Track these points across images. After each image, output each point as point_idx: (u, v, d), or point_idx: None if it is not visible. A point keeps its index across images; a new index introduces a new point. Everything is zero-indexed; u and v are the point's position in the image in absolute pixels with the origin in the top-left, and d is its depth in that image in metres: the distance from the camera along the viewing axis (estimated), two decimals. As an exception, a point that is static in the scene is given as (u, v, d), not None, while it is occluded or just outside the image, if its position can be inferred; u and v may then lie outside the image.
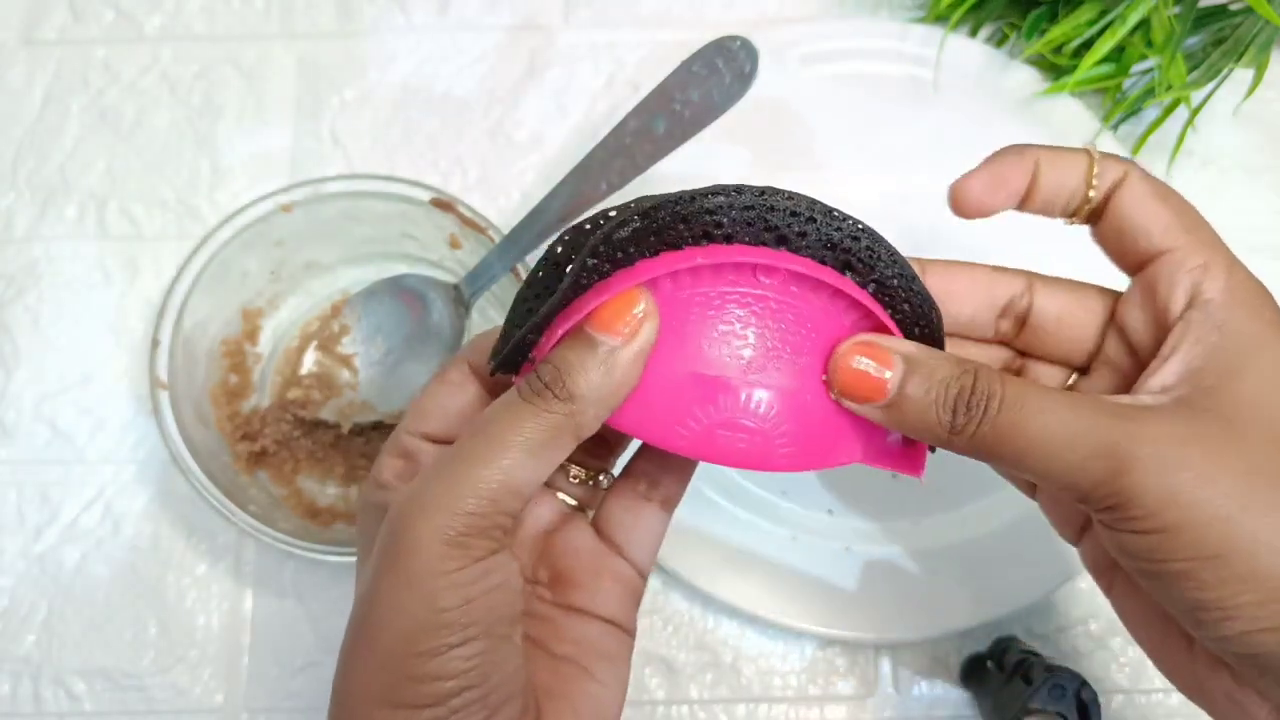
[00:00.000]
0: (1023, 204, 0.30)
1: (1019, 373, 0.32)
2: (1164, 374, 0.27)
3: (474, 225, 0.44)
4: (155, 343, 0.43)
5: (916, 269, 0.28)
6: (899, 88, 0.52)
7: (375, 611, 0.24)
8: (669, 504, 0.31)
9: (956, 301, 0.30)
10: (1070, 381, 0.31)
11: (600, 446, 0.31)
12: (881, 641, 0.45)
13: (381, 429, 0.47)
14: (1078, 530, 0.32)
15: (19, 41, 0.56)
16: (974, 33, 0.53)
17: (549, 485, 0.31)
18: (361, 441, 0.47)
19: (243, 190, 0.53)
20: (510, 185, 0.53)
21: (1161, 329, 0.28)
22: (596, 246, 0.26)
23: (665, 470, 0.30)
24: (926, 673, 0.46)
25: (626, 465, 0.28)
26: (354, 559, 0.41)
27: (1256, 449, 0.25)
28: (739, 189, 0.26)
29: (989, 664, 0.43)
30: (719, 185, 0.26)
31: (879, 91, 0.51)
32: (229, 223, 0.44)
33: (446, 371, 0.29)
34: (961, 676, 0.45)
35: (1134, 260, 0.29)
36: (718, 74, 0.41)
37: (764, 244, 0.26)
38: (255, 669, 0.46)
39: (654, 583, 0.47)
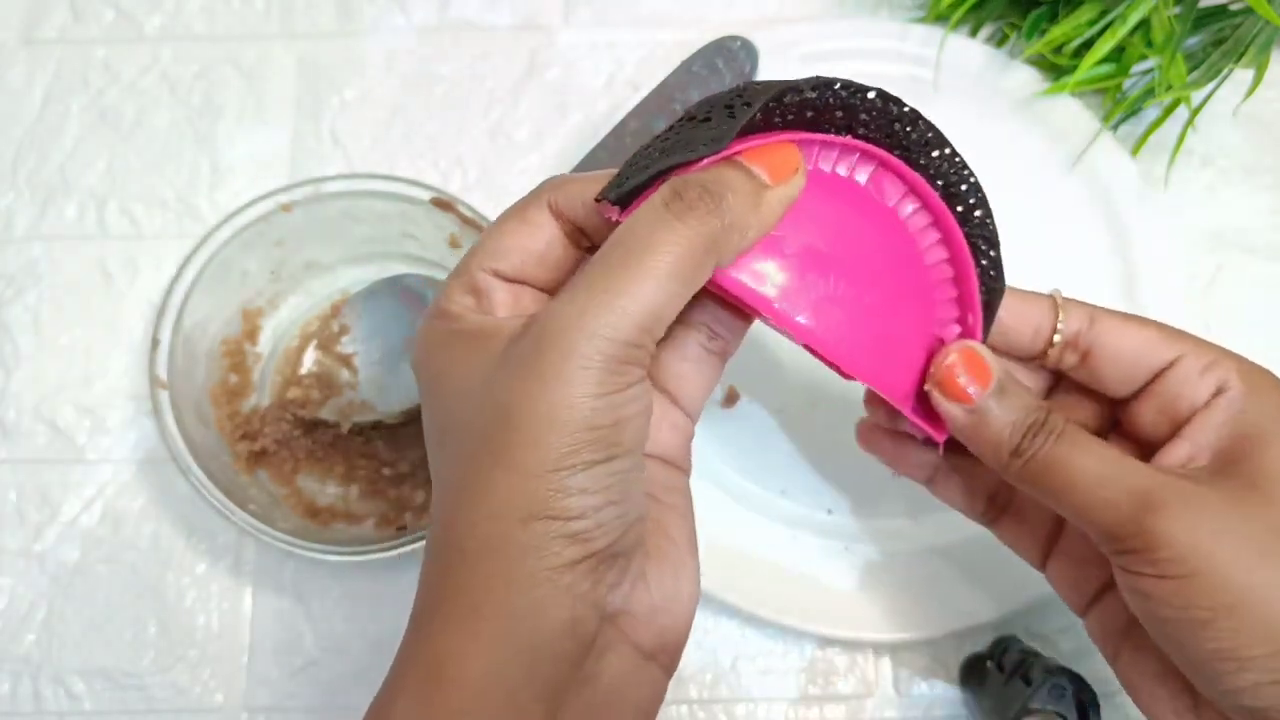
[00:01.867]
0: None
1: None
2: (1186, 449, 0.30)
3: (474, 225, 0.44)
4: (155, 342, 0.43)
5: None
6: (899, 88, 0.51)
7: (522, 427, 0.24)
8: (725, 355, 0.30)
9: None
10: None
11: None
12: (881, 641, 0.45)
13: (381, 428, 0.47)
14: (1086, 602, 0.33)
15: (19, 41, 0.56)
16: (974, 33, 0.53)
17: None
18: (361, 441, 0.47)
19: (243, 190, 0.53)
20: (510, 185, 0.53)
21: (1175, 422, 0.31)
22: (767, 102, 0.26)
23: (724, 322, 0.30)
24: (926, 673, 0.46)
25: (682, 315, 0.26)
26: (354, 558, 0.41)
27: (1277, 513, 0.27)
28: (895, 100, 0.28)
29: (989, 664, 0.43)
30: (876, 88, 0.28)
31: (879, 91, 0.51)
32: (229, 222, 0.44)
33: (525, 210, 0.28)
34: (961, 676, 0.45)
35: (1130, 384, 0.32)
36: (718, 74, 0.41)
37: (896, 156, 0.28)
38: (255, 669, 0.46)
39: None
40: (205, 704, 0.46)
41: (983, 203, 0.29)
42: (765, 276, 0.27)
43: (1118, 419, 0.33)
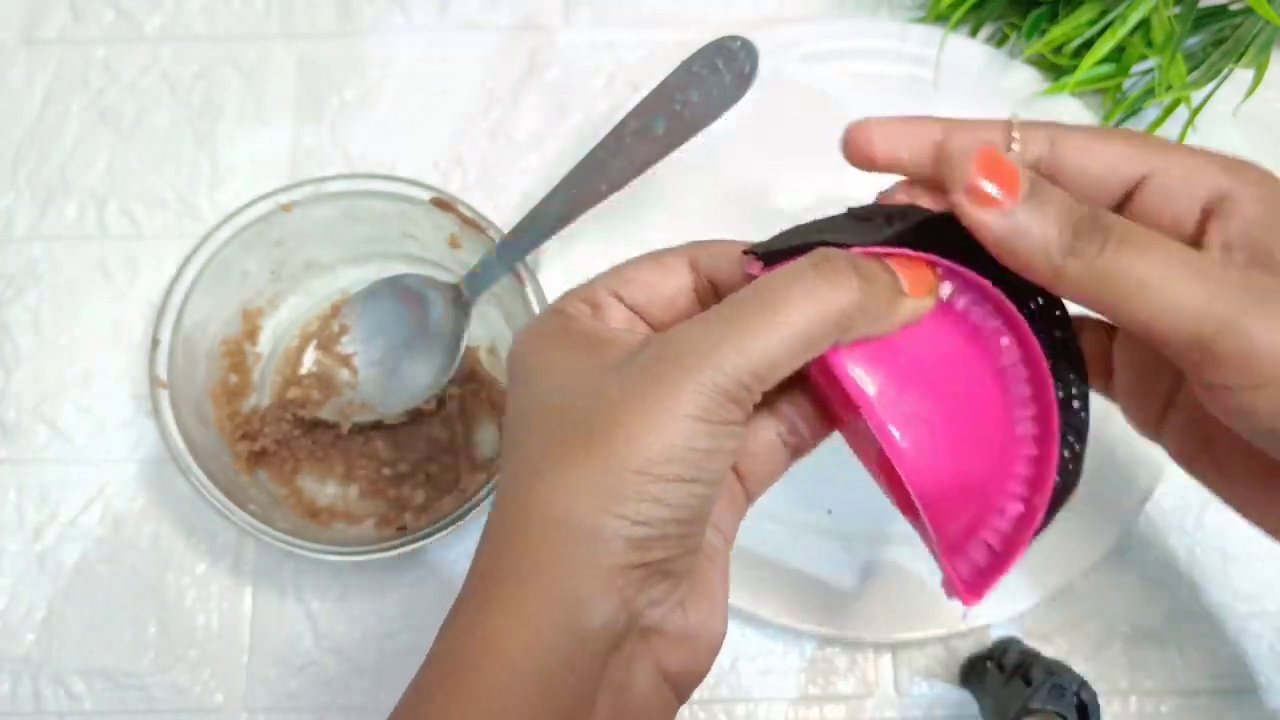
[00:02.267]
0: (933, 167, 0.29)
1: None
2: (1231, 252, 0.26)
3: (474, 225, 0.44)
4: (155, 342, 0.43)
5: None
6: (899, 88, 0.52)
7: (625, 424, 0.24)
8: (798, 453, 0.31)
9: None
10: None
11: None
12: (881, 641, 0.45)
13: (381, 428, 0.47)
14: (1157, 420, 0.31)
15: (19, 41, 0.56)
16: (974, 33, 0.53)
17: None
18: (361, 441, 0.47)
19: (243, 190, 0.53)
20: (510, 185, 0.53)
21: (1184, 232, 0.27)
22: (925, 221, 0.27)
23: (807, 420, 0.30)
24: (926, 673, 0.46)
25: (767, 400, 0.27)
26: (354, 558, 0.41)
27: None
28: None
29: (989, 664, 0.43)
30: None
31: (879, 92, 0.51)
32: (229, 222, 0.44)
33: (664, 255, 0.29)
34: (961, 676, 0.45)
35: (1110, 200, 0.28)
36: (718, 74, 0.41)
37: (1037, 314, 0.28)
38: (255, 669, 0.46)
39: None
40: (205, 704, 0.46)
41: (1084, 395, 0.29)
42: (871, 376, 0.27)
43: None
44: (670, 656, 0.27)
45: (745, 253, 0.28)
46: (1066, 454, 0.29)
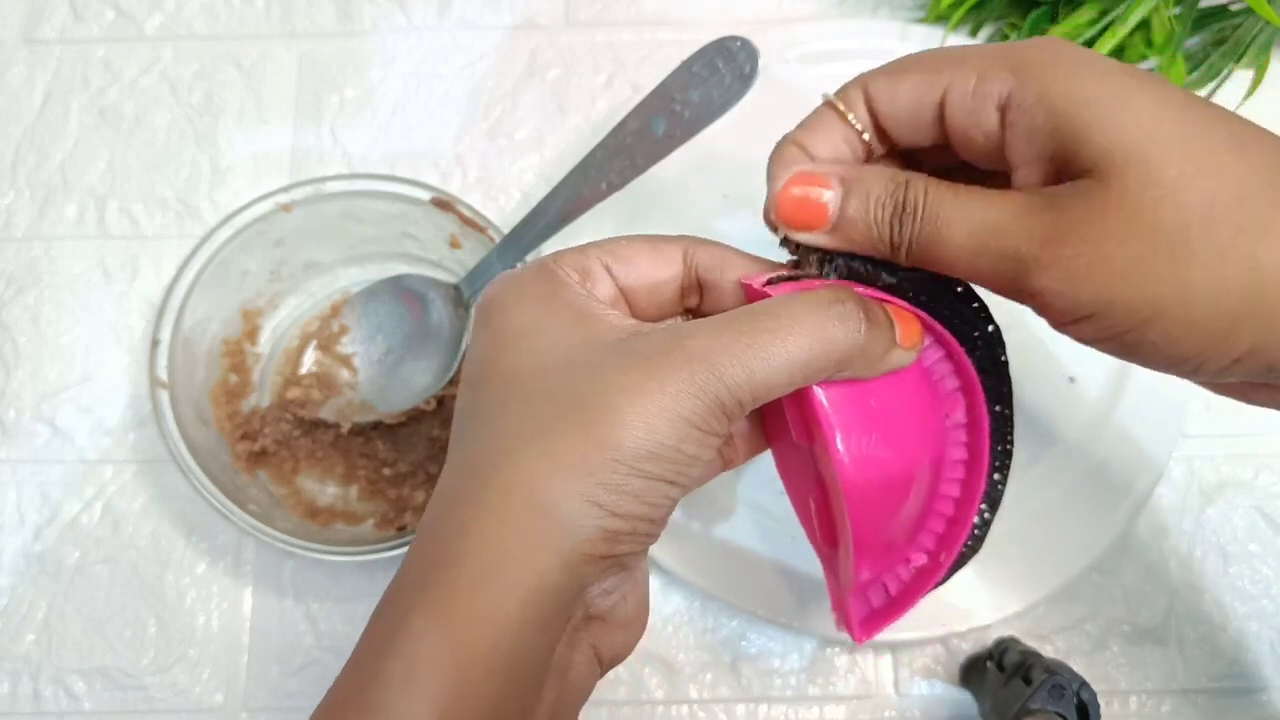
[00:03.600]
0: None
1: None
2: (1025, 172, 0.26)
3: (474, 225, 0.44)
4: (155, 342, 0.43)
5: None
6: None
7: (618, 412, 0.24)
8: (729, 466, 0.31)
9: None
10: None
11: None
12: (881, 641, 0.45)
13: (381, 428, 0.47)
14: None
15: (19, 41, 0.56)
16: (974, 33, 0.53)
17: None
18: (361, 441, 0.47)
19: (243, 190, 0.53)
20: (510, 185, 0.53)
21: (987, 155, 0.27)
22: (921, 279, 0.28)
23: (745, 438, 0.31)
24: (926, 673, 0.46)
25: None
26: (354, 558, 0.41)
27: (1138, 203, 0.24)
28: (1001, 346, 0.29)
29: (989, 664, 0.43)
30: (995, 327, 0.29)
31: (879, 91, 0.51)
32: (229, 222, 0.44)
33: (660, 241, 0.29)
34: (961, 676, 0.45)
35: (925, 136, 0.28)
36: (718, 74, 0.41)
37: (990, 385, 0.29)
38: (255, 669, 0.46)
39: (654, 583, 0.47)
40: (205, 704, 0.46)
41: (1005, 469, 0.30)
42: (839, 413, 0.28)
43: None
44: (607, 642, 0.27)
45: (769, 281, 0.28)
46: (978, 521, 0.30)
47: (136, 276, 0.52)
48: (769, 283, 0.27)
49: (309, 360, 0.48)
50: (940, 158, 0.29)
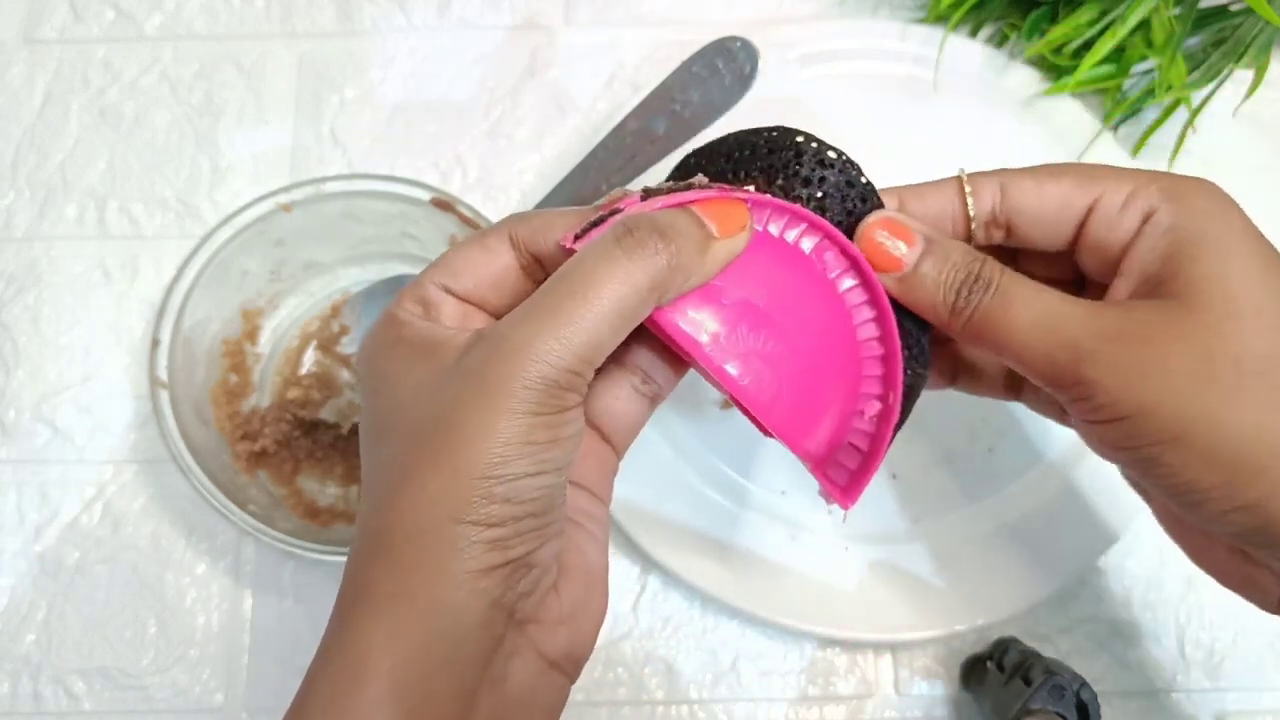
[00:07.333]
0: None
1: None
2: (1124, 286, 0.29)
3: (474, 225, 0.44)
4: (155, 342, 0.43)
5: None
6: (899, 88, 0.52)
7: (462, 432, 0.25)
8: (656, 400, 0.31)
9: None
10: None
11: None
12: (881, 641, 0.45)
13: (381, 429, 0.47)
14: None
15: (19, 41, 0.56)
16: (974, 33, 0.53)
17: None
18: (361, 441, 0.47)
19: (243, 190, 0.53)
20: (510, 185, 0.53)
21: (1112, 262, 0.29)
22: (719, 158, 0.28)
23: (658, 369, 0.31)
24: (926, 673, 0.46)
25: (616, 355, 0.28)
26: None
27: (1210, 331, 0.26)
28: (855, 169, 0.30)
29: (989, 664, 0.43)
30: (840, 155, 0.30)
31: (879, 92, 0.51)
32: (229, 222, 0.44)
33: (485, 237, 0.29)
34: (961, 676, 0.45)
35: (1060, 239, 0.30)
36: (718, 74, 0.41)
37: (847, 222, 0.30)
38: (255, 669, 0.46)
39: (654, 583, 0.47)
40: (205, 704, 0.46)
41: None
42: (700, 323, 0.28)
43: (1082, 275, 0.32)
44: (550, 642, 0.27)
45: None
46: (913, 348, 0.30)
47: (136, 277, 0.52)
48: (577, 238, 0.27)
49: (309, 360, 0.48)
50: (1032, 267, 0.32)
